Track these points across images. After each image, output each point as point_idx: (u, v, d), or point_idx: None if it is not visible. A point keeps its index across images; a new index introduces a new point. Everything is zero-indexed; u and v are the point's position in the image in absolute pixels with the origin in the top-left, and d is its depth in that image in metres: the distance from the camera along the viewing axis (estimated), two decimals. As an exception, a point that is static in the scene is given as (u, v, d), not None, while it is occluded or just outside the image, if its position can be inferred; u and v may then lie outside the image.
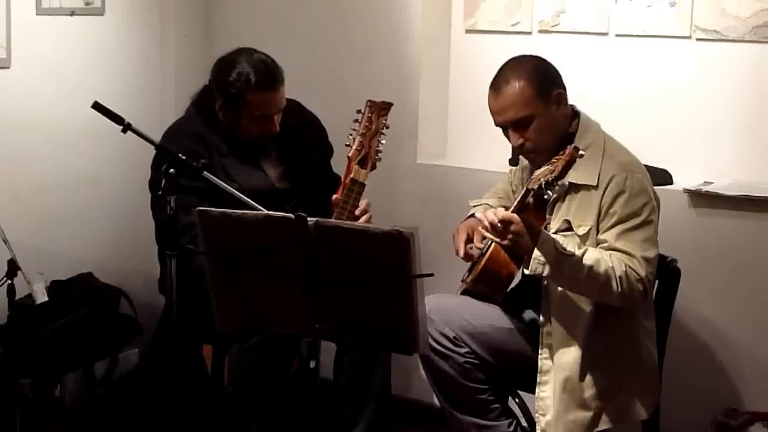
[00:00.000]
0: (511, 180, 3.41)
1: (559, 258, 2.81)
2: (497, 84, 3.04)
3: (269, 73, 3.39)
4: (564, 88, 3.07)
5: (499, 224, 2.82)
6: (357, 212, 3.22)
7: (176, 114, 4.16)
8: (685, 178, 3.66)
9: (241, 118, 3.40)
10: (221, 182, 3.08)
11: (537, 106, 2.99)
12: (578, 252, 2.86)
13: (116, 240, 4.35)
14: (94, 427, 3.81)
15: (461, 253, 3.20)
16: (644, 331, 3.09)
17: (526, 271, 2.87)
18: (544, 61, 3.10)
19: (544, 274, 2.84)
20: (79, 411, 3.89)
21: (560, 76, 3.09)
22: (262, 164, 3.51)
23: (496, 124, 3.08)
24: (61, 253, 4.09)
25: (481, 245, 3.21)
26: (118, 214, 4.33)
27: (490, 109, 3.07)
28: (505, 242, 2.84)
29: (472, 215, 3.36)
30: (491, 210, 2.90)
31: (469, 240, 3.22)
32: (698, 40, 3.68)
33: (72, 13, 4.10)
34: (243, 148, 3.46)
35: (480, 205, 3.41)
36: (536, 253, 2.81)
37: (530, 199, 2.86)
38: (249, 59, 3.39)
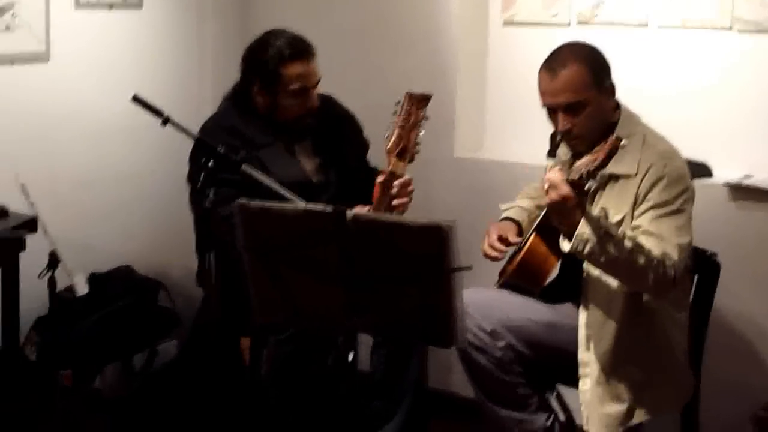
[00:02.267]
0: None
1: (602, 237, 2.79)
2: (553, 65, 3.02)
3: (302, 44, 3.43)
4: (611, 76, 3.06)
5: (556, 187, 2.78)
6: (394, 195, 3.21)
7: (214, 108, 4.17)
8: (725, 172, 3.63)
9: (279, 96, 3.41)
10: (260, 175, 3.09)
11: (591, 93, 2.98)
12: (619, 235, 2.85)
13: (154, 233, 4.38)
14: (133, 418, 3.83)
15: (488, 251, 3.21)
16: (676, 323, 3.08)
17: (566, 248, 2.84)
18: (598, 49, 3.08)
19: (585, 252, 2.81)
20: (118, 402, 3.91)
21: (609, 66, 3.07)
22: (298, 157, 3.52)
23: (546, 105, 3.05)
24: (100, 246, 4.13)
25: (517, 239, 3.21)
26: (157, 208, 4.36)
27: (541, 90, 3.04)
28: (556, 203, 2.79)
29: (504, 219, 3.37)
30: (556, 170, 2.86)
31: (500, 240, 3.24)
32: (739, 31, 3.65)
33: (110, 7, 4.13)
34: (279, 140, 3.47)
35: (511, 208, 3.40)
36: (580, 229, 2.79)
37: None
38: (280, 36, 3.44)
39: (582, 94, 2.98)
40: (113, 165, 4.20)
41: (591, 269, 3.00)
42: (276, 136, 3.47)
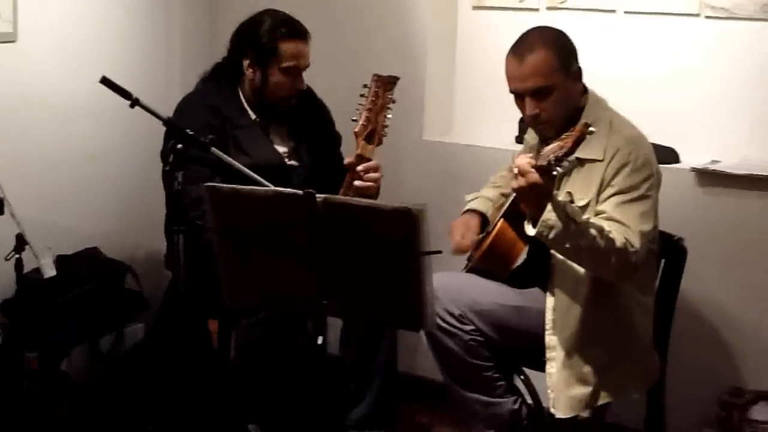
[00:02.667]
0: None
1: (567, 223, 2.81)
2: (520, 51, 3.02)
3: (297, 24, 3.46)
4: (578, 60, 3.07)
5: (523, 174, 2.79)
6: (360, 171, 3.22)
7: (182, 89, 4.15)
8: (692, 157, 3.66)
9: (271, 72, 3.41)
10: (229, 158, 3.09)
11: (558, 78, 2.99)
12: (584, 220, 2.87)
13: (122, 215, 4.35)
14: (99, 401, 3.82)
15: (457, 246, 3.24)
16: (641, 306, 3.10)
17: (532, 232, 2.85)
18: (565, 34, 3.09)
19: (550, 237, 2.82)
20: (85, 385, 3.90)
21: (576, 51, 3.08)
22: (272, 139, 3.53)
23: (513, 91, 3.05)
24: (67, 228, 4.09)
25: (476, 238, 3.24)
26: (124, 190, 4.33)
27: (508, 75, 3.04)
28: (524, 188, 2.80)
29: (468, 210, 3.38)
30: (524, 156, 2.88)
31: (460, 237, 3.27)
32: (707, 17, 3.67)
33: (77, -13, 4.09)
34: (257, 121, 3.47)
35: (476, 198, 3.41)
36: (546, 215, 2.80)
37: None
38: (276, 15, 3.46)
39: (549, 78, 2.99)
40: (80, 146, 4.16)
41: (557, 255, 3.02)
42: (254, 117, 3.47)
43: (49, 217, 3.98)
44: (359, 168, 3.21)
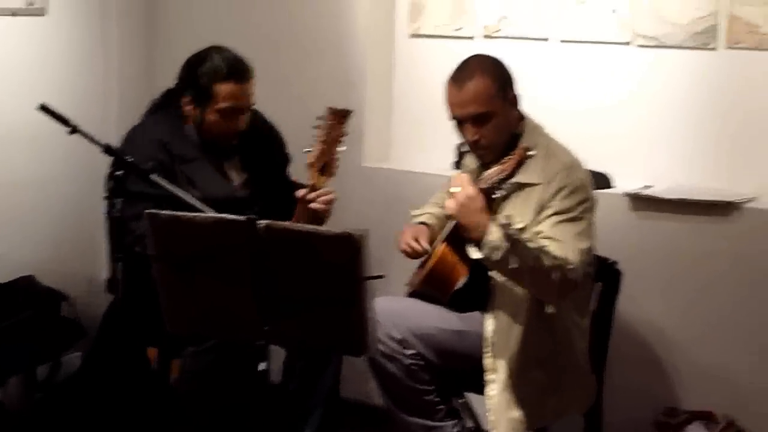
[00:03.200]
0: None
1: (511, 244, 2.86)
2: (461, 78, 3.08)
3: (239, 65, 3.40)
4: (515, 88, 3.14)
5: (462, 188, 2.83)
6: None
7: (119, 115, 4.16)
8: (625, 182, 3.73)
9: (208, 112, 3.38)
10: (171, 186, 3.06)
11: (497, 104, 3.06)
12: (525, 239, 2.92)
13: (57, 243, 4.31)
14: (36, 430, 3.78)
15: (405, 247, 3.25)
16: (578, 328, 3.16)
17: (477, 255, 2.89)
18: (502, 62, 3.16)
19: (494, 259, 2.87)
20: (22, 414, 3.85)
21: (514, 79, 3.15)
22: (227, 171, 3.50)
23: (454, 117, 3.10)
24: (1, 256, 4.05)
25: (426, 246, 3.26)
26: (59, 217, 4.30)
27: (448, 102, 3.10)
28: (463, 204, 2.85)
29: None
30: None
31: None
32: (639, 46, 3.76)
33: (13, 14, 4.06)
34: (207, 155, 3.45)
35: (421, 215, 3.44)
36: (490, 237, 2.85)
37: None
38: (220, 54, 3.40)
39: (488, 105, 3.05)
40: (15, 172, 4.12)
41: (498, 277, 3.06)
42: (204, 151, 3.45)
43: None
44: (311, 195, 3.22)
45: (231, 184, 3.49)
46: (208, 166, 3.46)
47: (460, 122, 3.09)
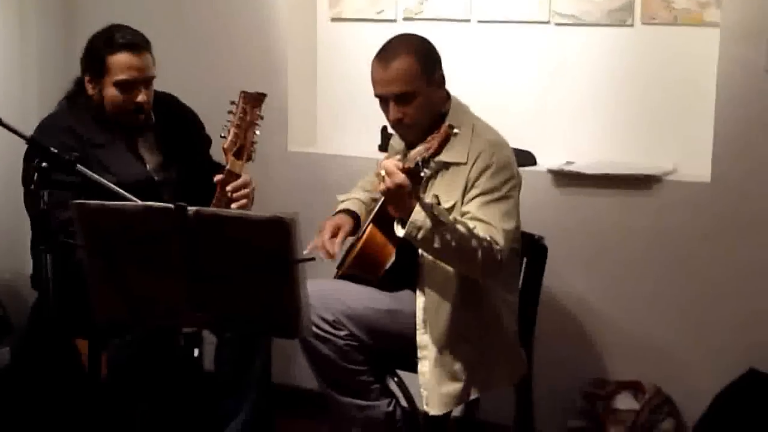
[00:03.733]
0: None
1: (435, 223, 2.89)
2: (385, 56, 3.11)
3: (135, 37, 3.40)
4: (441, 68, 3.17)
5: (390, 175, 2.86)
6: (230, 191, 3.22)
7: (39, 110, 4.09)
8: (548, 159, 3.79)
9: (106, 85, 3.37)
10: (95, 175, 3.05)
11: (421, 84, 3.09)
12: (451, 220, 2.95)
13: (-21, 238, 4.26)
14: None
15: (321, 248, 3.26)
16: (506, 304, 3.21)
17: (401, 233, 2.93)
18: (429, 42, 3.19)
19: (419, 238, 2.90)
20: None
21: (440, 58, 3.17)
22: (141, 153, 3.49)
23: (378, 95, 3.14)
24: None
25: (342, 239, 3.28)
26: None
27: (373, 79, 3.13)
28: (391, 190, 2.87)
29: (340, 211, 3.43)
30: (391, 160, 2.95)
31: (334, 237, 3.30)
32: (557, 24, 3.82)
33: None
34: (118, 139, 3.44)
35: (348, 200, 3.46)
36: (414, 216, 2.88)
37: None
38: (117, 29, 3.41)
39: (412, 84, 3.08)
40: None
41: (426, 255, 3.10)
42: (115, 134, 3.43)
43: None
44: (228, 188, 3.22)
45: (145, 166, 3.48)
46: (121, 148, 3.44)
47: (384, 100, 3.12)
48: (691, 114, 3.66)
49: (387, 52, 3.12)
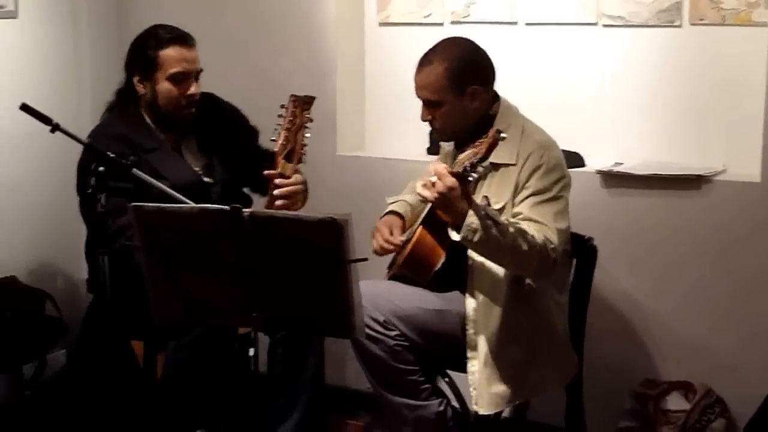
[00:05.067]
0: None
1: (489, 225, 2.91)
2: (423, 60, 3.18)
3: (180, 32, 3.47)
4: (485, 82, 3.18)
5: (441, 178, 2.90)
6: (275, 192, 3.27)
7: (93, 115, 4.16)
8: (596, 160, 3.80)
9: (159, 81, 3.43)
10: (151, 179, 3.11)
11: (447, 96, 3.13)
12: (504, 221, 2.97)
13: (38, 243, 4.34)
14: (25, 428, 3.80)
15: (384, 245, 3.30)
16: (557, 306, 3.22)
17: (456, 237, 2.95)
18: (475, 52, 3.20)
19: (474, 240, 2.92)
20: (10, 413, 3.87)
21: (485, 70, 3.19)
22: (185, 157, 3.54)
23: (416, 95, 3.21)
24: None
25: (402, 237, 3.32)
26: (38, 217, 4.32)
27: (414, 79, 3.20)
28: (442, 194, 2.90)
29: (389, 212, 3.46)
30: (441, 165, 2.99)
31: (390, 234, 3.34)
32: (605, 26, 3.83)
33: (-16, 17, 4.09)
34: (166, 142, 3.49)
35: (396, 201, 3.50)
36: (468, 219, 2.90)
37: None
38: (161, 27, 3.49)
39: (438, 94, 3.14)
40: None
41: (475, 257, 3.12)
42: (163, 138, 3.49)
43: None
44: (275, 192, 3.27)
45: (193, 169, 3.53)
46: (170, 151, 3.50)
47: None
48: (740, 114, 3.65)
49: (425, 57, 3.18)
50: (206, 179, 3.53)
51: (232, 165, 3.58)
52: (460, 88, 3.13)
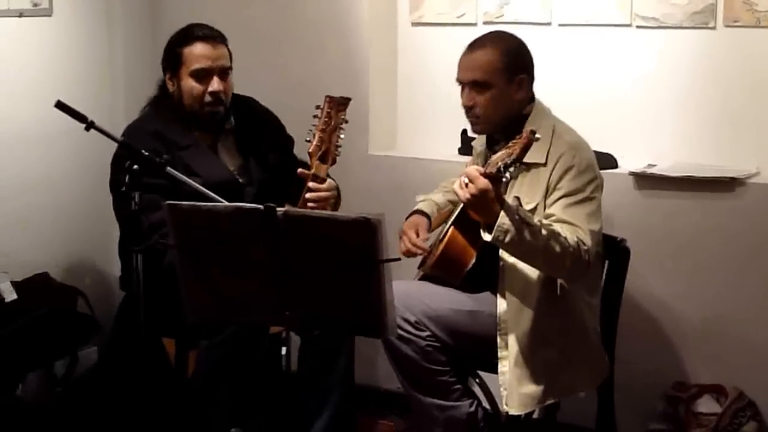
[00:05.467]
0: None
1: (521, 226, 2.90)
2: (475, 43, 3.20)
3: (210, 30, 3.50)
4: (530, 76, 3.20)
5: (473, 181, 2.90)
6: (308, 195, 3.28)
7: (126, 112, 4.19)
8: (629, 162, 3.79)
9: (183, 78, 3.45)
10: (183, 177, 3.13)
11: (498, 79, 3.14)
12: (536, 222, 2.96)
13: (70, 240, 4.37)
14: (56, 425, 3.83)
15: (411, 248, 3.31)
16: (589, 308, 3.21)
17: (488, 238, 2.95)
18: (524, 46, 3.24)
19: (506, 241, 2.92)
20: (42, 410, 3.90)
21: (531, 66, 3.22)
22: (221, 156, 3.56)
23: (457, 80, 3.21)
24: (16, 254, 4.10)
25: (425, 237, 3.32)
26: (71, 214, 4.35)
27: (458, 64, 3.21)
28: (475, 196, 2.90)
29: (416, 211, 3.47)
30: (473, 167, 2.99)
31: (416, 236, 3.35)
32: (638, 27, 3.81)
33: (20, 15, 4.11)
34: (202, 139, 3.51)
35: (426, 200, 3.50)
36: (500, 220, 2.90)
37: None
38: (194, 25, 3.52)
39: (489, 75, 3.14)
40: (27, 171, 4.17)
41: (507, 258, 3.11)
42: (198, 135, 3.50)
43: (-2, 243, 4.00)
44: (308, 196, 3.27)
45: (227, 168, 3.54)
46: (205, 149, 3.51)
47: (462, 86, 3.18)
48: (774, 116, 3.64)
49: (477, 41, 3.21)
50: (240, 180, 3.54)
51: (267, 169, 3.59)
52: (512, 74, 3.15)
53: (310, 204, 3.26)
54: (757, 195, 3.55)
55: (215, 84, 3.45)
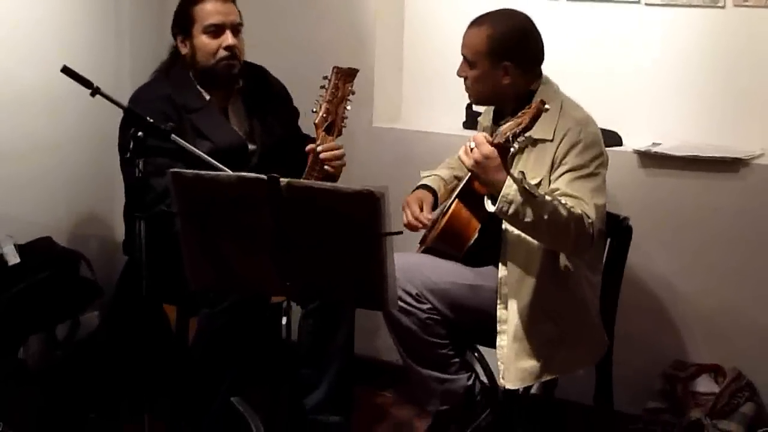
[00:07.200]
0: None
1: (526, 197, 2.90)
2: (476, 20, 3.22)
3: None
4: (523, 63, 3.17)
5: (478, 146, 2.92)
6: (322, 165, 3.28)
7: (132, 78, 4.19)
8: (634, 140, 3.78)
9: (195, 36, 3.46)
10: (189, 145, 3.13)
11: (482, 61, 3.16)
12: (541, 194, 2.96)
13: (73, 204, 4.36)
14: (57, 388, 3.85)
15: (412, 221, 3.32)
16: (590, 285, 3.21)
17: (492, 209, 2.95)
18: (526, 32, 3.21)
19: (510, 212, 2.92)
20: (43, 372, 3.92)
21: (527, 51, 3.19)
22: (231, 120, 3.56)
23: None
24: (19, 218, 4.09)
25: (430, 216, 3.32)
26: (75, 178, 4.34)
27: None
28: (478, 161, 2.93)
29: (421, 186, 3.46)
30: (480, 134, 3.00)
31: (419, 210, 3.35)
32: (647, 5, 3.80)
33: (26, -22, 4.09)
34: (212, 102, 3.51)
35: (431, 176, 3.50)
36: (505, 190, 2.90)
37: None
38: None
39: (473, 55, 3.18)
40: (31, 135, 4.15)
41: (510, 229, 3.11)
42: (209, 99, 3.50)
43: (0, 207, 3.99)
44: (324, 156, 3.27)
45: (236, 132, 3.54)
46: (215, 112, 3.51)
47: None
48: (780, 97, 3.63)
49: (479, 18, 3.22)
50: (249, 145, 3.55)
51: (272, 136, 3.59)
52: (495, 59, 3.14)
53: (326, 166, 3.26)
54: (761, 176, 3.55)
55: (229, 38, 3.45)
